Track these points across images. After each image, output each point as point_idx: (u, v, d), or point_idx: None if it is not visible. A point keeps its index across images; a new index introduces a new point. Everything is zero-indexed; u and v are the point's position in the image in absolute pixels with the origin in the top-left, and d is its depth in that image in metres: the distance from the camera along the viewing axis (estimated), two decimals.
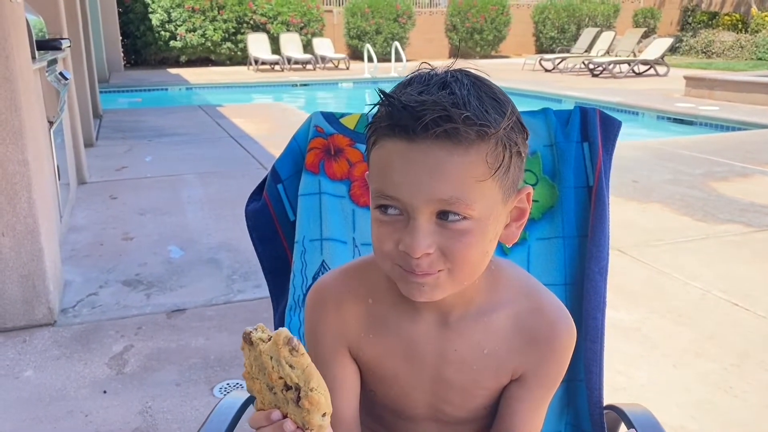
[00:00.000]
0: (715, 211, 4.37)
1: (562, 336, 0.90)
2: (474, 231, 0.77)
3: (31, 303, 2.78)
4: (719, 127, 8.48)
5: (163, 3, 17.71)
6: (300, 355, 0.72)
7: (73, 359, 2.56)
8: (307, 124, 1.31)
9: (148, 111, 9.87)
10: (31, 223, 2.71)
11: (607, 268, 1.18)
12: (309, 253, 1.26)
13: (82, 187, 5.13)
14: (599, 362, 1.15)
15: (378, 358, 0.93)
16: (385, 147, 0.76)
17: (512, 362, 0.90)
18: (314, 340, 0.95)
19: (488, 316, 0.89)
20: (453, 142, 0.72)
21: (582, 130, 1.26)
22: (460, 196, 0.74)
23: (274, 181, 1.31)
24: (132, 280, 3.33)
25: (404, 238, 0.77)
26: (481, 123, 0.72)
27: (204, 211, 4.49)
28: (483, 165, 0.74)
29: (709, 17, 22.09)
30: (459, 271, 0.79)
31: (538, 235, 1.24)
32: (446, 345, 0.90)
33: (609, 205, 1.22)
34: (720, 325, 2.80)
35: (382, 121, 0.77)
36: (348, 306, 0.93)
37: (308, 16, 19.34)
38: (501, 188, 0.77)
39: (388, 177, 0.76)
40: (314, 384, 0.72)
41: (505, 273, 0.92)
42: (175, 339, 2.72)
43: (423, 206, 0.75)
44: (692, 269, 3.39)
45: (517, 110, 0.80)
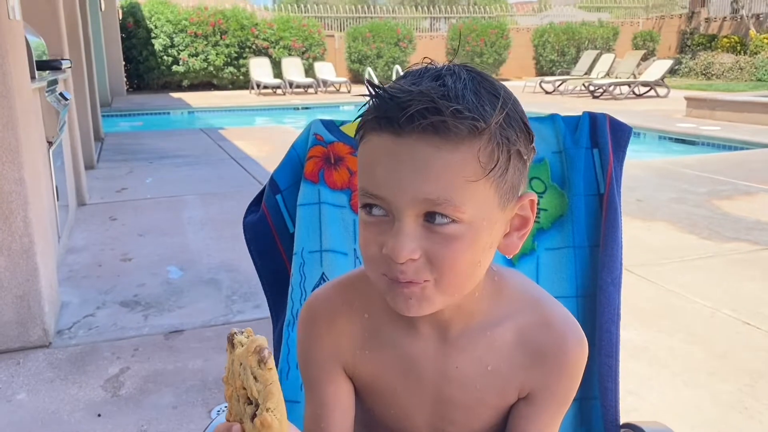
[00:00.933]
0: (721, 230, 4.32)
1: (572, 351, 0.83)
2: (464, 237, 0.70)
3: (25, 324, 2.72)
4: (721, 146, 8.46)
5: (165, 28, 17.86)
6: (267, 369, 0.67)
7: (67, 382, 2.49)
8: (306, 132, 1.27)
9: (149, 134, 9.88)
10: (27, 243, 2.66)
11: (620, 278, 1.12)
12: (308, 265, 1.20)
13: (81, 208, 5.09)
14: (615, 378, 1.09)
15: (375, 375, 0.87)
16: (372, 141, 0.71)
17: (518, 379, 0.84)
18: (306, 358, 0.89)
19: (491, 330, 0.83)
20: (441, 136, 0.67)
21: (591, 136, 1.21)
22: (448, 197, 0.68)
23: (273, 192, 1.26)
24: (130, 301, 3.27)
25: (388, 240, 0.71)
26: (473, 117, 0.67)
27: (204, 232, 4.44)
28: (474, 163, 0.68)
29: (707, 40, 22.21)
30: (447, 282, 0.72)
31: (548, 245, 1.19)
32: (447, 361, 0.84)
33: (621, 214, 1.17)
34: (731, 343, 2.73)
35: (369, 113, 0.72)
36: (342, 321, 0.88)
37: (310, 41, 19.49)
38: (497, 191, 0.71)
39: (373, 174, 0.71)
40: (271, 404, 0.67)
41: (510, 283, 0.86)
42: (172, 360, 2.65)
43: (408, 207, 0.69)
44: (700, 287, 3.33)
45: (521, 109, 0.74)
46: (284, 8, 22.58)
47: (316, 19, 21.15)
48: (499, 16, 25.13)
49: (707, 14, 23.57)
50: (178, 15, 18.01)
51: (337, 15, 23.10)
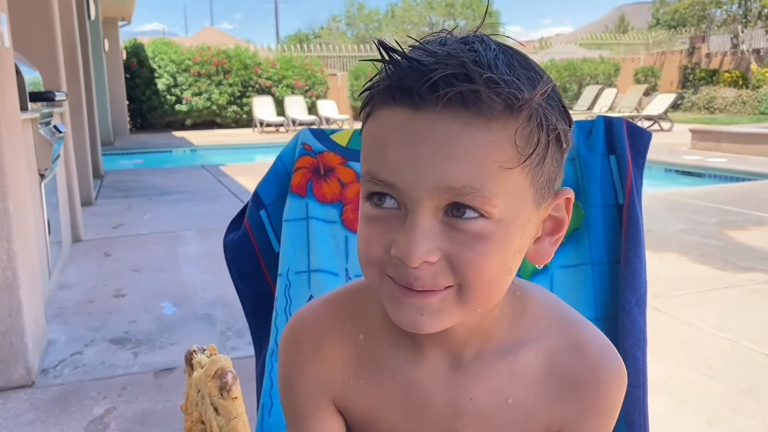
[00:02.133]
0: (735, 260, 4.17)
1: (610, 379, 0.69)
2: (493, 236, 0.57)
3: (7, 363, 2.58)
4: (728, 178, 8.35)
5: (169, 68, 18.00)
6: (230, 398, 0.54)
7: (48, 423, 2.34)
8: (294, 142, 1.15)
9: (150, 171, 9.82)
10: (10, 276, 2.54)
11: (645, 297, 0.99)
12: (294, 287, 1.08)
13: (76, 244, 4.97)
14: (643, 412, 0.95)
15: (371, 410, 0.72)
16: (382, 118, 0.58)
17: (545, 415, 0.69)
18: (289, 389, 0.75)
19: (513, 354, 0.69)
20: (471, 111, 0.54)
21: (607, 142, 1.09)
22: (477, 185, 0.55)
23: (256, 207, 1.14)
24: (120, 338, 3.13)
25: (398, 239, 0.57)
26: (510, 90, 0.54)
27: (201, 267, 4.31)
28: (509, 147, 0.55)
29: (709, 75, 22.31)
30: (471, 291, 0.58)
31: (562, 262, 1.06)
32: (459, 392, 0.69)
33: (643, 226, 1.04)
34: (754, 378, 2.57)
35: (380, 84, 0.58)
36: (332, 345, 0.73)
37: (312, 80, 19.62)
38: (532, 184, 0.58)
39: (382, 155, 0.57)
40: None
41: (534, 300, 0.72)
42: (161, 400, 2.50)
43: (426, 197, 0.56)
44: (717, 319, 3.17)
45: (559, 94, 0.61)
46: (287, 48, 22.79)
47: (319, 59, 21.33)
48: None
49: (708, 50, 23.73)
50: (182, 55, 18.17)
51: (339, 54, 23.31)
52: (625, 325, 0.98)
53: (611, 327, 1.02)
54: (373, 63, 0.58)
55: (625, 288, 1.00)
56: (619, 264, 1.04)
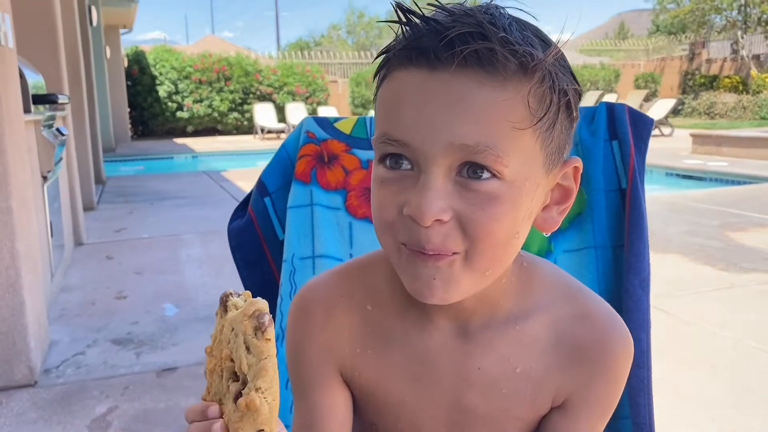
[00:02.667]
0: (737, 261, 4.17)
1: (616, 347, 0.69)
2: (504, 197, 0.58)
3: (9, 362, 2.58)
4: (729, 182, 8.35)
5: (170, 75, 18.04)
6: (264, 339, 0.53)
7: (51, 422, 2.34)
8: (298, 131, 1.16)
9: (151, 177, 9.83)
10: (13, 275, 2.54)
11: (649, 280, 1.00)
12: (299, 273, 1.08)
13: (78, 248, 4.98)
14: (647, 392, 0.96)
15: (379, 380, 0.72)
16: (398, 79, 0.59)
17: (553, 383, 0.70)
18: (296, 359, 0.75)
19: (520, 324, 0.69)
20: (486, 69, 0.55)
21: (610, 128, 1.10)
22: (491, 143, 0.56)
23: (261, 195, 1.15)
24: (122, 338, 3.12)
25: (411, 198, 0.58)
26: (524, 51, 0.55)
27: (202, 269, 4.32)
28: (522, 107, 0.56)
29: (709, 80, 22.34)
30: (480, 254, 0.59)
31: (566, 246, 1.06)
32: (467, 362, 0.69)
33: (646, 210, 1.04)
34: (758, 376, 2.56)
35: (396, 46, 0.59)
36: (340, 315, 0.73)
37: (313, 86, 19.65)
38: (543, 148, 0.59)
39: (396, 115, 0.58)
40: (263, 383, 0.53)
41: (541, 271, 0.72)
42: (164, 399, 2.50)
43: (440, 155, 0.57)
44: (720, 318, 3.17)
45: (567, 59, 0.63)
46: (288, 56, 22.85)
47: (320, 65, 21.38)
48: None
49: (708, 55, 23.77)
50: (183, 62, 18.21)
51: (340, 61, 23.36)
52: (629, 308, 0.98)
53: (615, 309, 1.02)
54: (389, 25, 0.59)
55: (628, 271, 1.00)
56: (622, 248, 1.04)
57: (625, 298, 0.99)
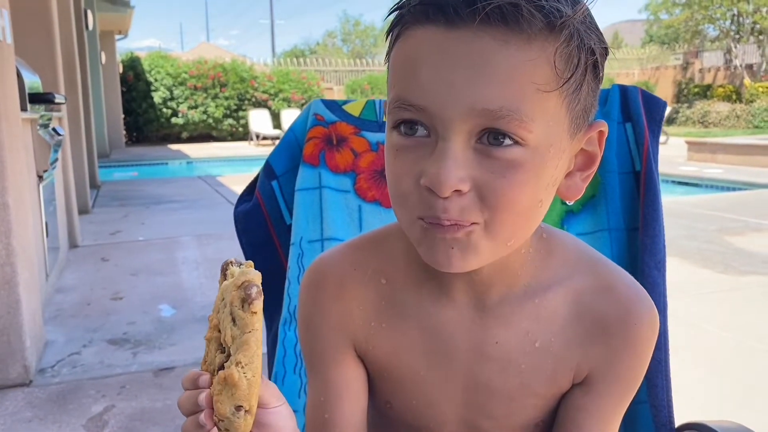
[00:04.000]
0: (736, 264, 4.16)
1: (641, 320, 0.66)
2: (527, 165, 0.54)
3: (4, 361, 2.54)
4: (724, 188, 8.37)
5: (165, 81, 18.01)
6: (249, 312, 0.52)
7: (46, 421, 2.30)
8: (306, 113, 1.14)
9: (147, 181, 9.78)
10: (9, 272, 2.51)
11: (664, 261, 0.98)
12: (307, 256, 1.06)
13: (73, 250, 4.94)
14: (665, 374, 0.93)
15: (393, 354, 0.70)
16: (414, 38, 0.55)
17: (574, 359, 0.67)
18: (309, 331, 0.73)
19: (540, 297, 0.66)
20: (510, 27, 0.51)
21: (623, 110, 1.08)
22: (514, 107, 0.52)
23: (268, 178, 1.13)
24: (119, 338, 3.09)
25: (428, 167, 0.54)
26: (550, 7, 0.51)
27: (199, 271, 4.28)
28: (548, 68, 0.53)
29: (702, 89, 22.46)
30: (501, 224, 0.56)
31: (579, 229, 1.04)
32: (484, 336, 0.67)
33: (660, 192, 1.03)
34: (760, 375, 2.55)
35: (411, 1, 0.55)
36: (354, 287, 0.71)
37: (309, 93, 19.65)
38: (569, 111, 0.56)
39: (412, 77, 0.54)
40: (243, 358, 0.52)
41: (561, 242, 0.69)
42: (161, 398, 2.47)
43: (460, 120, 0.53)
44: (722, 320, 3.16)
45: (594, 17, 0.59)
46: (283, 63, 22.87)
47: (315, 72, 21.40)
48: None
49: (701, 65, 23.91)
50: (178, 68, 18.18)
51: (335, 68, 23.40)
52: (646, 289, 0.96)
53: None
54: None
55: (644, 252, 0.98)
56: (637, 231, 1.02)
57: (641, 279, 0.97)
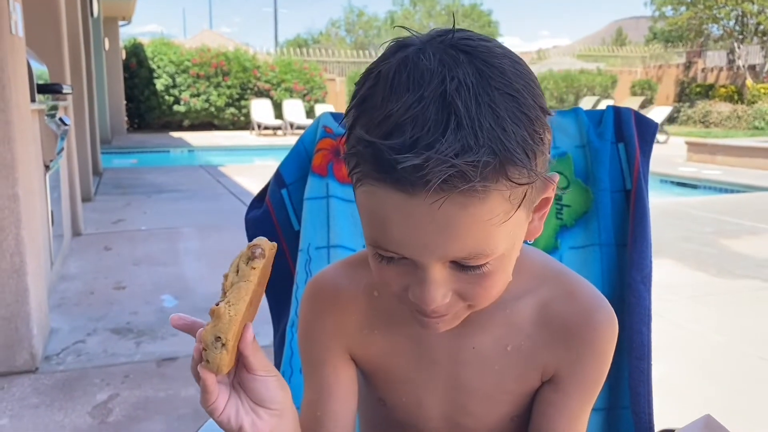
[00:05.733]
0: (731, 267, 4.23)
1: (601, 326, 0.73)
2: (497, 269, 0.62)
3: (12, 348, 2.61)
4: (723, 190, 8.44)
5: (168, 68, 18.02)
6: (250, 267, 0.62)
7: (53, 408, 2.37)
8: (315, 125, 1.20)
9: (148, 169, 9.83)
10: (18, 262, 2.57)
11: (650, 276, 1.04)
12: (314, 262, 1.12)
13: (76, 238, 5.00)
14: (647, 382, 1.00)
15: (384, 358, 0.79)
16: (376, 195, 0.58)
17: (541, 359, 0.75)
18: (307, 336, 0.81)
19: (510, 306, 0.75)
20: (466, 196, 0.55)
21: (616, 130, 1.14)
22: (480, 250, 0.59)
23: (278, 186, 1.18)
24: (122, 328, 3.15)
25: (414, 288, 0.62)
26: (501, 161, 0.54)
27: (201, 262, 4.35)
28: (505, 204, 0.57)
29: (705, 89, 22.49)
30: (481, 305, 0.67)
31: (572, 243, 1.11)
32: (462, 342, 0.76)
33: (650, 210, 1.09)
34: (749, 379, 2.62)
35: (365, 160, 0.57)
36: (349, 298, 0.79)
37: (311, 84, 19.67)
38: (525, 209, 0.61)
39: (384, 231, 0.59)
40: (232, 298, 0.61)
41: (530, 258, 0.77)
42: (164, 388, 2.53)
43: (434, 262, 0.60)
44: (713, 323, 3.23)
45: (539, 92, 0.60)
46: (286, 53, 22.85)
47: (318, 63, 21.40)
48: None
49: (704, 65, 23.92)
50: (181, 56, 18.19)
51: (338, 59, 23.39)
52: (631, 302, 1.03)
53: (617, 305, 1.06)
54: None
55: (631, 267, 1.04)
56: (626, 247, 1.08)
57: (628, 293, 1.04)
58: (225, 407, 0.65)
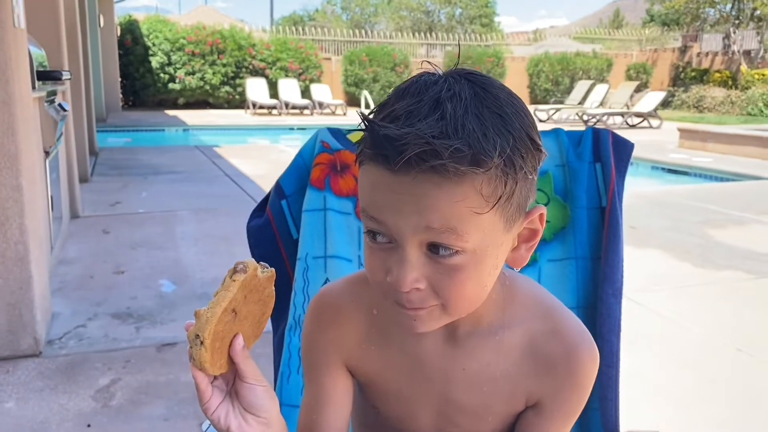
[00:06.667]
0: (715, 258, 4.34)
1: (582, 362, 0.81)
2: (468, 266, 0.69)
3: (16, 333, 2.70)
4: (713, 177, 8.55)
5: (163, 46, 17.94)
6: (231, 280, 0.73)
7: (57, 391, 2.47)
8: (313, 140, 1.28)
9: (144, 150, 9.87)
10: (22, 251, 2.65)
11: (621, 290, 1.13)
12: (312, 270, 1.21)
13: (74, 221, 5.07)
14: (615, 388, 1.10)
15: (380, 371, 0.87)
16: (370, 172, 0.69)
17: (527, 387, 0.82)
18: (309, 347, 0.90)
19: (501, 334, 0.82)
20: (440, 175, 0.64)
21: (594, 151, 1.23)
22: (451, 226, 0.66)
23: (278, 197, 1.27)
24: (122, 313, 3.25)
25: (393, 270, 0.70)
26: (475, 153, 0.63)
27: (198, 247, 4.43)
28: (477, 197, 0.65)
29: (699, 74, 22.53)
30: (453, 307, 0.72)
31: (550, 256, 1.20)
32: (453, 363, 0.83)
33: (623, 227, 1.18)
34: (724, 370, 2.74)
35: (365, 144, 0.69)
36: (349, 316, 0.87)
37: (307, 63, 19.62)
38: (502, 216, 0.69)
39: (373, 199, 0.69)
40: (212, 303, 0.72)
41: (521, 289, 0.85)
42: (164, 373, 2.63)
43: (410, 235, 0.68)
44: (694, 314, 3.34)
45: (530, 121, 0.69)
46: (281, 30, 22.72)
47: (314, 42, 21.32)
48: (495, 45, 25.44)
49: (699, 49, 23.93)
50: (176, 33, 18.10)
51: (334, 38, 23.29)
52: (603, 313, 1.12)
53: (590, 314, 1.16)
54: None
55: (604, 281, 1.14)
56: (600, 260, 1.17)
57: (600, 304, 1.13)
58: (217, 408, 0.76)
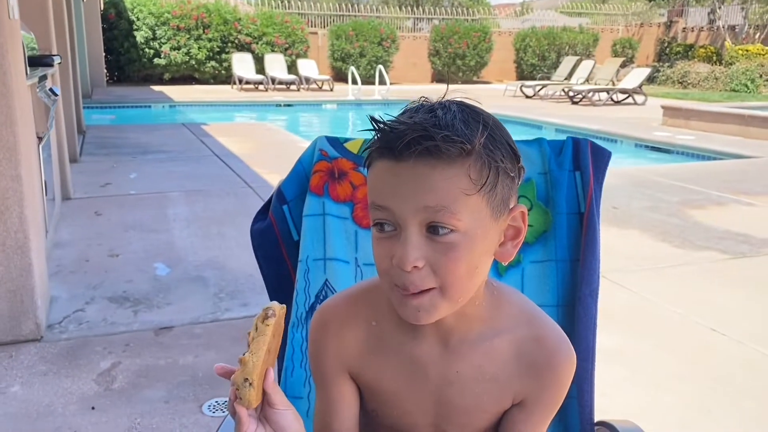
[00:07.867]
0: (693, 238, 4.48)
1: (561, 365, 0.93)
2: (461, 245, 0.80)
3: (18, 318, 2.78)
4: (695, 156, 8.69)
5: (148, 20, 17.75)
6: (265, 326, 0.81)
7: (60, 375, 2.56)
8: (312, 148, 1.36)
9: (132, 128, 9.86)
10: (22, 239, 2.72)
11: (597, 290, 1.24)
12: (312, 272, 1.30)
13: (66, 202, 5.12)
14: (590, 381, 1.21)
15: (379, 377, 0.96)
16: (377, 166, 0.82)
17: (513, 388, 0.93)
18: (316, 361, 0.99)
19: (489, 341, 0.92)
20: (435, 157, 0.77)
21: (574, 160, 1.32)
22: (446, 204, 0.78)
23: (280, 202, 1.35)
24: (119, 296, 3.33)
25: (397, 252, 0.80)
26: (461, 140, 0.77)
27: (190, 230, 4.51)
28: (466, 179, 0.78)
29: (684, 49, 22.63)
30: (450, 288, 0.82)
31: (532, 258, 1.30)
32: (448, 367, 0.93)
33: (600, 231, 1.28)
34: (699, 349, 2.88)
35: (374, 144, 0.83)
36: (349, 329, 0.97)
37: (293, 38, 19.49)
38: (489, 204, 0.81)
39: (379, 189, 0.81)
40: (254, 348, 0.80)
41: (507, 299, 0.95)
42: (163, 356, 2.73)
43: (411, 216, 0.79)
44: (671, 295, 3.48)
45: (507, 134, 0.84)
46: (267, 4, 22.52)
47: (300, 16, 21.16)
48: (482, 19, 25.36)
49: (685, 24, 24.01)
50: (161, 7, 17.89)
51: (320, 12, 23.12)
52: (580, 313, 1.23)
53: (569, 313, 1.27)
54: (371, 122, 0.84)
55: (581, 282, 1.24)
56: (578, 262, 1.28)
57: (577, 304, 1.23)
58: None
